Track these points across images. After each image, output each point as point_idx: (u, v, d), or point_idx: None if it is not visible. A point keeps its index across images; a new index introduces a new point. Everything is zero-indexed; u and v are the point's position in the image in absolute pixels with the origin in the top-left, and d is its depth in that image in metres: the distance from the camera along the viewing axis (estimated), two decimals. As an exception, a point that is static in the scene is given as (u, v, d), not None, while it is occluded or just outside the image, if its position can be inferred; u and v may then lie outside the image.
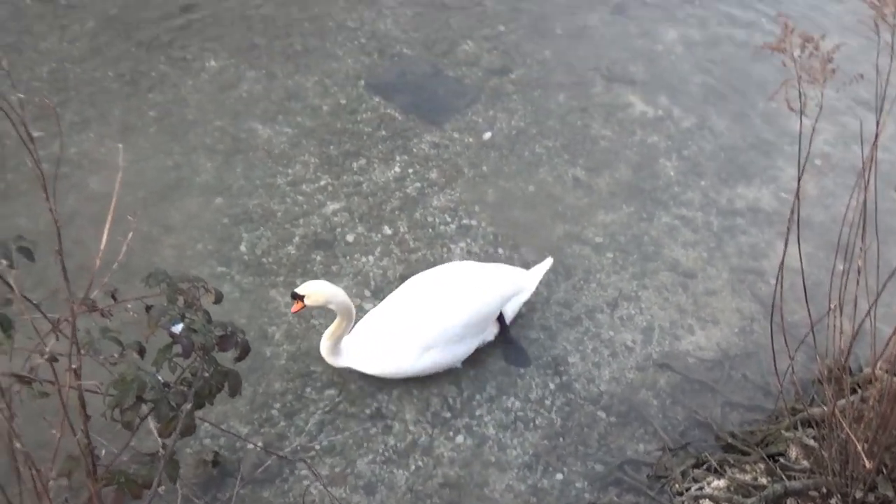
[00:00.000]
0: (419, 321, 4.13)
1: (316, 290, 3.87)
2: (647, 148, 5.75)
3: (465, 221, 5.14)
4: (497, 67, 6.23)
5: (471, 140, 5.66)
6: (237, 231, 4.93)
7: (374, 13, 6.57)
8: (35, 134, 2.10)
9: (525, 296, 4.51)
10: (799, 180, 3.02)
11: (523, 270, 4.56)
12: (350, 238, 4.98)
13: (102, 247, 2.36)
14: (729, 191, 5.52)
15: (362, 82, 6.00)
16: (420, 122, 5.74)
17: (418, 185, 5.33)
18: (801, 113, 2.63)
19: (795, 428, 4.01)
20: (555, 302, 4.78)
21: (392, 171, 5.39)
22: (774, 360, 3.61)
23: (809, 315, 3.31)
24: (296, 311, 3.99)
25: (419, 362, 4.17)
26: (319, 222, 5.03)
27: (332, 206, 5.13)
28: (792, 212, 3.07)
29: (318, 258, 4.84)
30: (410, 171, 5.41)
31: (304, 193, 5.19)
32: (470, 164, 5.50)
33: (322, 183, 5.27)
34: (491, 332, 4.43)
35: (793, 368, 3.51)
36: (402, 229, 5.06)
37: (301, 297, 3.88)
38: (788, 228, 3.05)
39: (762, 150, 5.82)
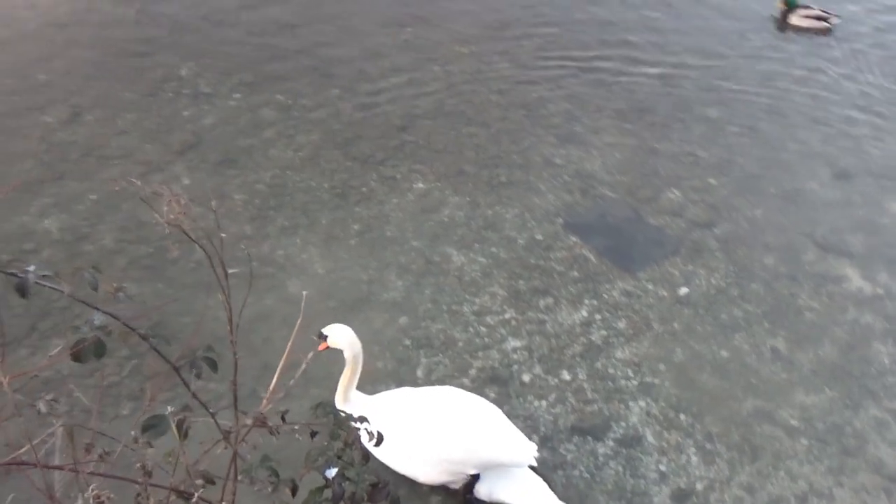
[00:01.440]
0: (410, 431, 3.93)
1: (337, 333, 4.00)
2: (860, 328, 5.29)
3: (647, 379, 4.89)
4: (702, 220, 6.02)
5: (665, 293, 5.44)
6: (416, 354, 4.94)
7: (581, 151, 6.59)
8: (237, 269, 2.19)
9: (505, 494, 3.95)
10: None
11: (528, 463, 3.94)
12: (526, 378, 4.86)
13: (295, 377, 2.40)
14: (952, 389, 4.94)
15: (561, 220, 5.97)
16: (614, 267, 5.61)
17: (604, 332, 5.16)
18: None
19: None
20: (736, 484, 4.39)
21: (579, 315, 5.26)
22: None
23: None
24: (321, 350, 4.03)
25: (401, 467, 4.00)
26: (498, 357, 4.96)
27: (512, 343, 5.05)
28: None
29: (492, 394, 4.74)
30: (598, 317, 5.26)
31: (488, 325, 5.15)
32: (661, 318, 5.27)
33: (506, 316, 5.22)
34: (461, 480, 4.02)
35: None
36: (580, 377, 4.88)
37: (325, 337, 4.00)
38: None
39: None
